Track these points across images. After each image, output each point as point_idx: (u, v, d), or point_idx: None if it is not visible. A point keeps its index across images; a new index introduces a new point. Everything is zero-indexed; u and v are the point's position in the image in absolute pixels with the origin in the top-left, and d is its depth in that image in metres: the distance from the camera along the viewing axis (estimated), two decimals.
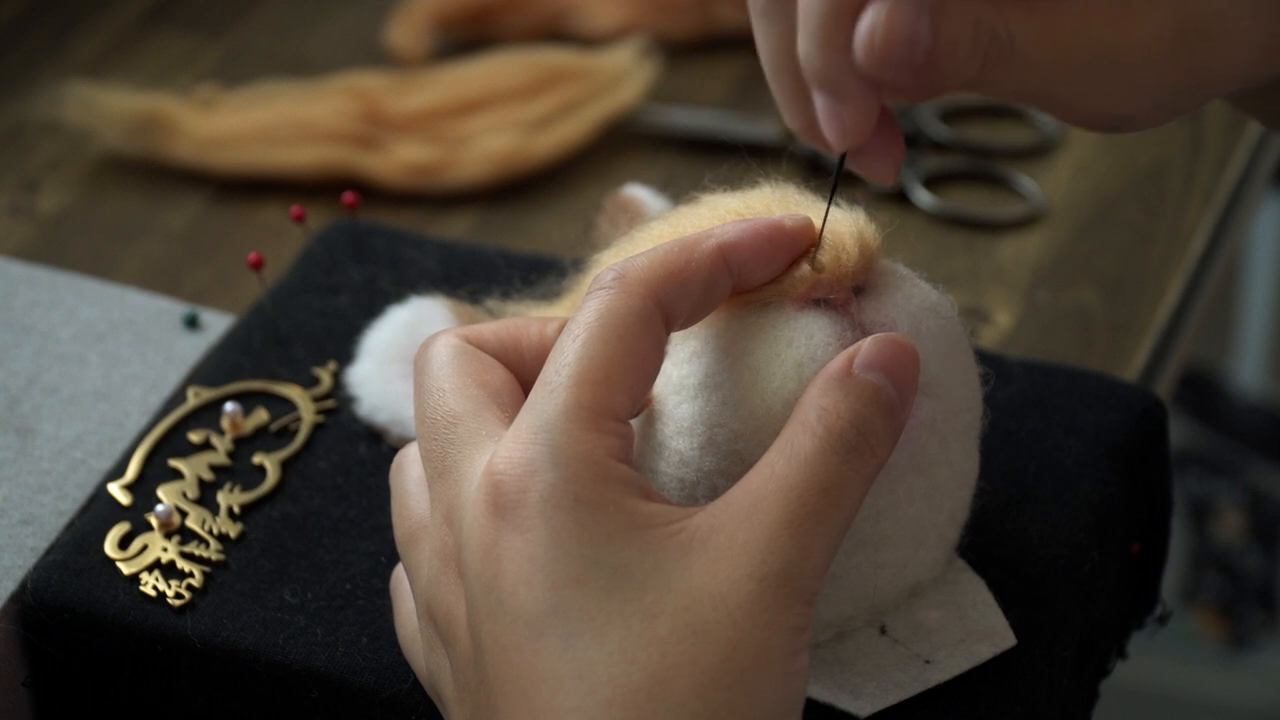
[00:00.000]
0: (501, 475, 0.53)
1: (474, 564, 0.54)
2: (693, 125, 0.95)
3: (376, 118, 0.94)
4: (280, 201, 0.92)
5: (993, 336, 0.84)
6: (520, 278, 0.73)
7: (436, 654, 0.57)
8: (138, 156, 0.95)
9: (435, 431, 0.57)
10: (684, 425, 0.58)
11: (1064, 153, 0.95)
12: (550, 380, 0.54)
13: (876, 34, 0.51)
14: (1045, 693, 0.61)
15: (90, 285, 0.78)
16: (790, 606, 0.52)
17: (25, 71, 1.02)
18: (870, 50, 0.51)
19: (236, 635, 0.63)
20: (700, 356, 0.58)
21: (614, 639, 0.51)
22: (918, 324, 0.58)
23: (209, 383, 0.72)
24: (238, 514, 0.67)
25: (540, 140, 0.93)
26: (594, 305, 0.55)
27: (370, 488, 0.68)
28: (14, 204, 0.94)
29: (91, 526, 0.67)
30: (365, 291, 0.75)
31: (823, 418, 0.54)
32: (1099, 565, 0.64)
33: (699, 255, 0.56)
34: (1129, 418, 0.68)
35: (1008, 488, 0.66)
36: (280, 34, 1.05)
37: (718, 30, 1.01)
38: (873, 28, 0.51)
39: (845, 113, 0.53)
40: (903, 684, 0.59)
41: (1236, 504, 1.76)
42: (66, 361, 0.74)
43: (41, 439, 0.71)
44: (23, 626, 0.65)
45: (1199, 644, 1.76)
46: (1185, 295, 0.88)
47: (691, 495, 0.58)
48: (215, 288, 0.88)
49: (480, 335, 0.60)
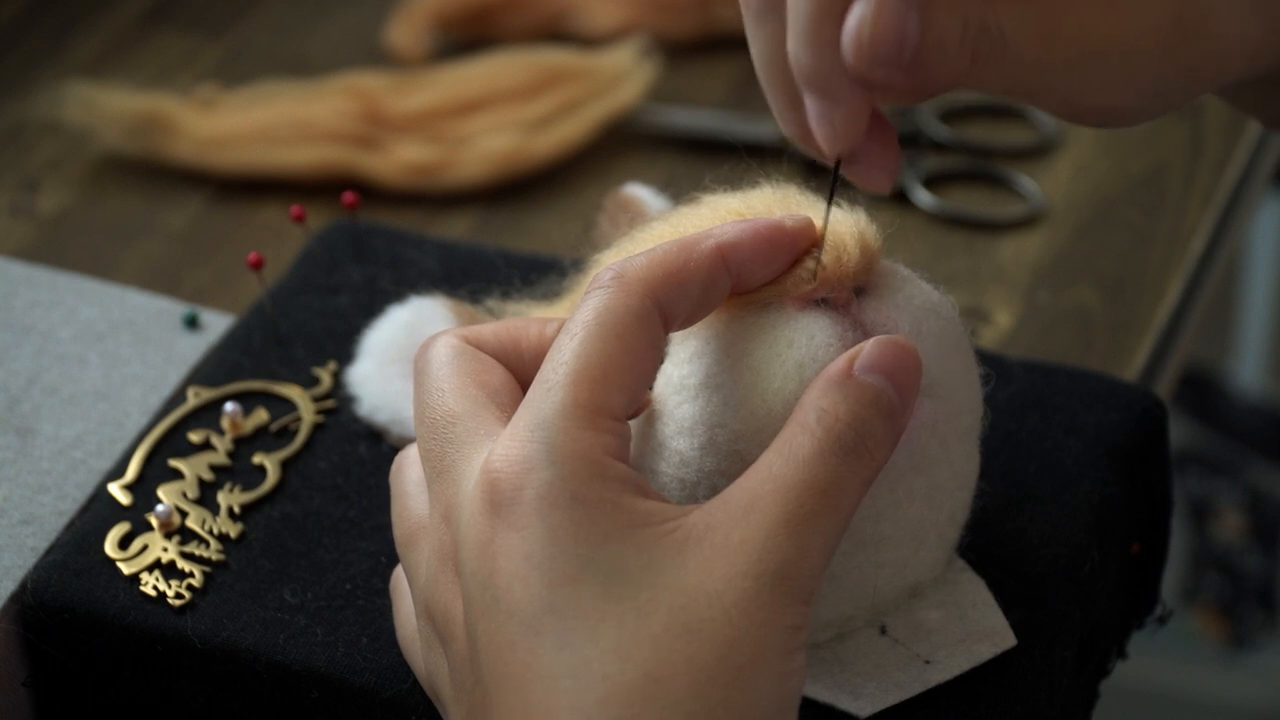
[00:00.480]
0: (498, 473, 0.53)
1: (470, 562, 0.54)
2: (693, 125, 0.95)
3: (376, 118, 0.94)
4: (280, 201, 0.92)
5: (993, 336, 0.84)
6: (520, 278, 0.73)
7: (435, 654, 0.57)
8: (138, 156, 0.95)
9: (434, 431, 0.57)
10: (684, 425, 0.58)
11: (1064, 153, 0.95)
12: (547, 379, 0.54)
13: (864, 31, 0.51)
14: (1045, 693, 0.61)
15: (90, 285, 0.78)
16: (787, 605, 0.52)
17: (25, 71, 1.02)
18: (859, 48, 0.51)
19: (236, 635, 0.63)
20: (701, 356, 0.58)
21: (609, 637, 0.51)
22: (919, 324, 0.58)
23: (209, 383, 0.72)
24: (238, 514, 0.67)
25: (540, 140, 0.93)
26: (592, 304, 0.55)
27: (370, 488, 0.68)
28: (14, 204, 0.94)
29: (91, 526, 0.67)
30: (365, 291, 0.75)
31: (822, 419, 0.54)
32: (1099, 565, 0.64)
33: (698, 255, 0.56)
34: (1129, 418, 0.68)
35: (1008, 488, 0.66)
36: (280, 34, 1.05)
37: (718, 30, 1.01)
38: (860, 25, 0.51)
39: (836, 114, 0.53)
40: (903, 684, 0.59)
41: (1236, 504, 1.76)
42: (66, 361, 0.74)
43: (41, 439, 0.71)
44: (23, 626, 0.65)
45: (1199, 644, 1.76)
46: (1185, 295, 0.88)
47: (692, 495, 0.58)
48: (215, 288, 0.88)
49: (480, 336, 0.60)
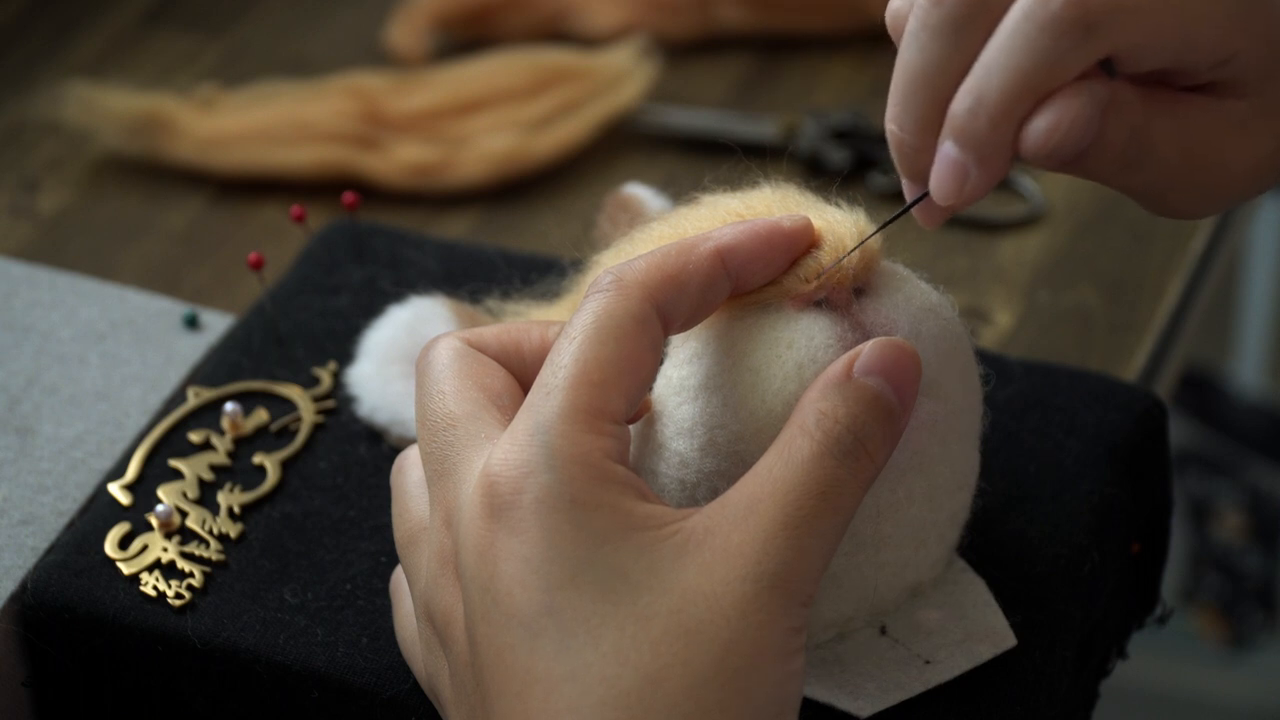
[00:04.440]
0: (497, 476, 0.53)
1: (470, 565, 0.54)
2: (693, 125, 0.95)
3: (376, 118, 0.94)
4: (280, 201, 0.92)
5: (993, 336, 0.84)
6: (520, 278, 0.73)
7: (435, 656, 0.57)
8: (138, 156, 0.95)
9: (435, 434, 0.57)
10: (684, 426, 0.58)
11: None
12: (547, 382, 0.54)
13: (1057, 133, 0.52)
14: (1045, 693, 0.61)
15: (90, 285, 0.78)
16: (785, 608, 0.52)
17: (25, 71, 1.02)
18: (1042, 145, 0.52)
19: (236, 635, 0.63)
20: (701, 358, 0.58)
21: (608, 640, 0.52)
22: (918, 325, 0.58)
23: (209, 383, 0.72)
24: (238, 514, 0.67)
25: (540, 140, 0.93)
26: (591, 308, 0.55)
27: (370, 488, 0.68)
28: (14, 204, 0.94)
29: (91, 526, 0.67)
30: (365, 291, 0.75)
31: (821, 421, 0.54)
32: (1099, 565, 0.64)
33: (696, 258, 0.56)
34: (1129, 418, 0.68)
35: (1008, 488, 0.66)
36: (280, 34, 1.05)
37: (718, 30, 1.01)
38: (1055, 126, 0.52)
39: (976, 175, 0.53)
40: (903, 684, 0.59)
41: (1236, 504, 1.76)
42: (66, 361, 0.74)
43: (41, 439, 0.71)
44: (23, 626, 0.65)
45: (1199, 644, 1.76)
46: (1185, 295, 0.88)
47: (692, 497, 0.58)
48: (215, 288, 0.88)
49: (482, 338, 0.60)
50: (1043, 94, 0.52)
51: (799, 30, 1.01)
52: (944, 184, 0.54)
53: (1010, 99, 0.52)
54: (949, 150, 0.53)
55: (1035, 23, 0.52)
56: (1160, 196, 0.57)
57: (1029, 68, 0.52)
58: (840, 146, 0.93)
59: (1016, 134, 0.53)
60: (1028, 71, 0.52)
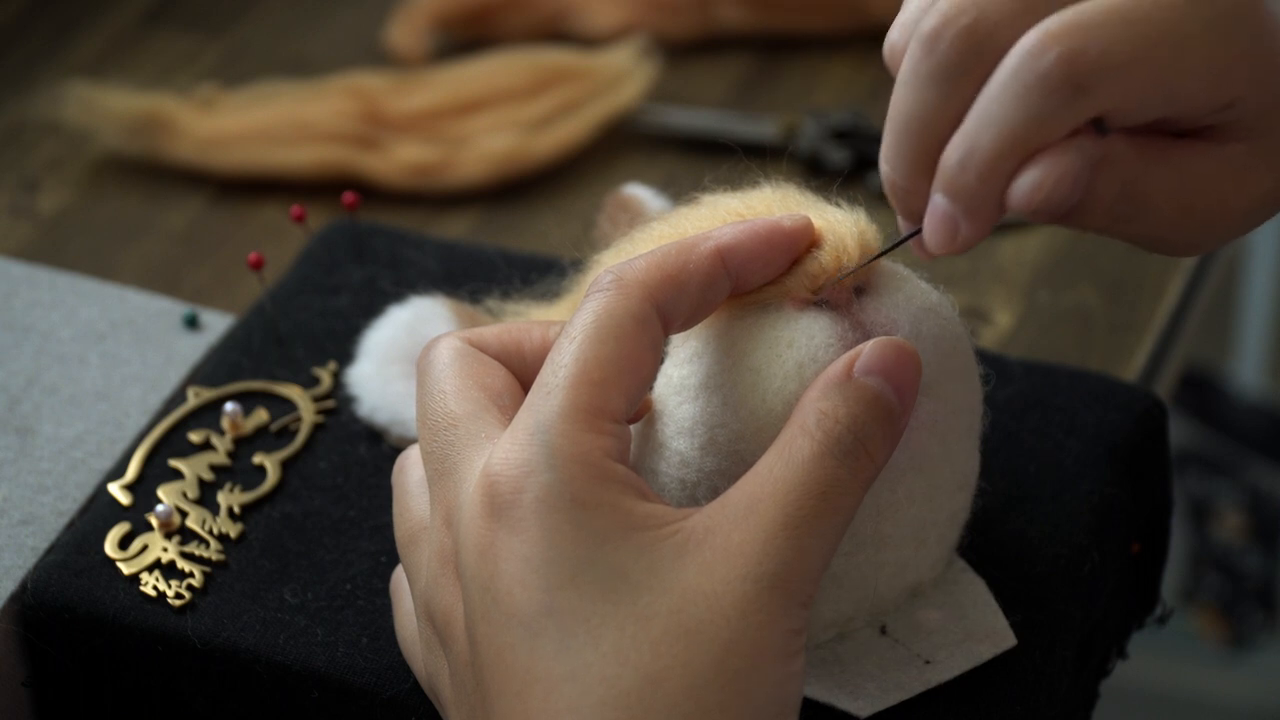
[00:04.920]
0: (497, 476, 0.53)
1: (470, 565, 0.54)
2: (693, 125, 0.95)
3: (376, 118, 0.94)
4: (280, 201, 0.92)
5: (993, 336, 0.84)
6: (520, 278, 0.73)
7: (435, 656, 0.57)
8: (138, 156, 0.95)
9: (436, 433, 0.57)
10: (685, 426, 0.58)
11: None
12: (547, 382, 0.54)
13: (1042, 190, 0.52)
14: (1045, 693, 0.61)
15: (90, 285, 0.78)
16: (785, 608, 0.52)
17: (25, 71, 1.02)
18: (1029, 202, 0.52)
19: (236, 635, 0.63)
20: (701, 357, 0.58)
21: (608, 640, 0.52)
22: (918, 325, 0.58)
23: (209, 383, 0.72)
24: (238, 514, 0.67)
25: (540, 140, 0.93)
26: (591, 307, 0.55)
27: (370, 488, 0.68)
28: (14, 204, 0.94)
29: (91, 526, 0.67)
30: (365, 291, 0.75)
31: (821, 421, 0.54)
32: (1099, 565, 0.64)
33: (696, 257, 0.56)
34: (1129, 418, 0.68)
35: (1008, 488, 0.66)
36: (280, 34, 1.05)
37: (718, 30, 1.01)
38: (1041, 182, 0.52)
39: (965, 226, 0.53)
40: (903, 684, 0.59)
41: (1236, 504, 1.76)
42: (66, 361, 0.74)
43: (41, 439, 0.71)
44: (23, 626, 0.65)
45: (1199, 644, 1.76)
46: (1185, 295, 0.88)
47: (692, 496, 0.58)
48: (215, 288, 0.88)
49: (482, 338, 0.60)
50: (1032, 150, 0.52)
51: (799, 30, 1.01)
52: (936, 234, 0.54)
53: (999, 155, 0.52)
54: (939, 202, 0.53)
55: (1025, 81, 0.51)
56: (1158, 241, 0.56)
57: (1018, 124, 0.52)
58: (840, 146, 0.93)
59: (1005, 188, 0.52)
60: (1017, 128, 0.52)
